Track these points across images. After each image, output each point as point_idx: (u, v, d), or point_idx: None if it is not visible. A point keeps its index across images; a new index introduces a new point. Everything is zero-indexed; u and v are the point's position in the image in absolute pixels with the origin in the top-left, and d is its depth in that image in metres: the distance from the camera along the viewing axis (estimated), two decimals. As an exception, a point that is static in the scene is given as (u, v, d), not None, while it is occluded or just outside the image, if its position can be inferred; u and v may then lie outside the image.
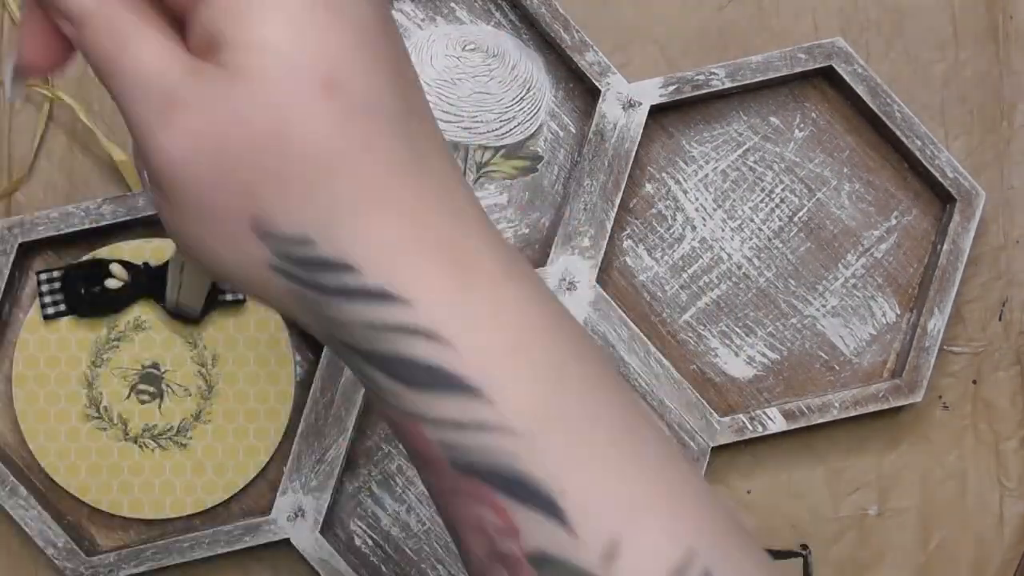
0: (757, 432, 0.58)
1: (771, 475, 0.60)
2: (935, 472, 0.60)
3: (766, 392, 0.60)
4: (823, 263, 0.60)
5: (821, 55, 0.59)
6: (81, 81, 0.59)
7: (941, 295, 0.58)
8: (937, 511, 0.60)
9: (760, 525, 0.59)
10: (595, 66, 0.58)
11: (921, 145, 0.59)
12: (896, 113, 0.59)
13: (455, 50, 0.60)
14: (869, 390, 0.58)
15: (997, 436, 0.60)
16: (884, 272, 0.60)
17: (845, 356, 0.60)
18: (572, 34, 0.58)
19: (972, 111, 0.61)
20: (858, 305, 0.60)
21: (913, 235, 0.60)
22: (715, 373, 0.60)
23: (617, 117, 0.58)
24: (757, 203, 0.60)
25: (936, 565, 0.60)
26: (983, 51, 0.61)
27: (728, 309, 0.60)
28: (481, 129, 0.60)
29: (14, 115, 0.59)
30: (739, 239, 0.60)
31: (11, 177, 0.59)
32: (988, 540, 0.60)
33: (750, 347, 0.60)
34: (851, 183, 0.60)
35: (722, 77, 0.59)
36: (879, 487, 0.60)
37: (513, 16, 0.60)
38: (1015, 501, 0.60)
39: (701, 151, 0.60)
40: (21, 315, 0.58)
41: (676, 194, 0.60)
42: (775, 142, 0.60)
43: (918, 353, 0.58)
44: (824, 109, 0.60)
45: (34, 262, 0.58)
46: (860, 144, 0.60)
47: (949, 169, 0.59)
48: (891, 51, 0.61)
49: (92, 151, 0.59)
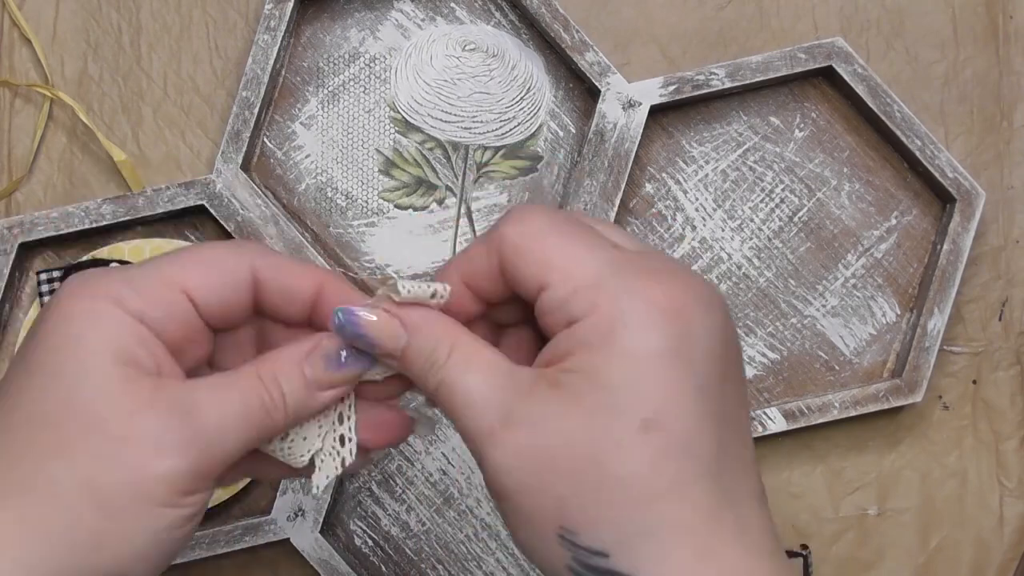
0: (757, 432, 0.58)
1: (771, 475, 0.60)
2: (935, 472, 0.60)
3: (766, 392, 0.60)
4: (823, 263, 0.60)
5: (821, 55, 0.59)
6: (81, 81, 0.59)
7: (941, 295, 0.58)
8: (937, 511, 0.60)
9: (760, 525, 0.59)
10: (595, 66, 0.58)
11: (921, 145, 0.59)
12: (896, 113, 0.59)
13: (455, 50, 0.60)
14: (869, 390, 0.58)
15: (997, 436, 0.60)
16: (884, 272, 0.60)
17: (845, 356, 0.60)
18: (572, 34, 0.58)
19: (972, 111, 0.61)
20: (858, 305, 0.60)
21: (913, 235, 0.60)
22: (715, 373, 0.60)
23: (617, 117, 0.58)
24: (757, 203, 0.60)
25: (936, 565, 0.60)
26: (983, 51, 0.61)
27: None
28: (481, 129, 0.60)
29: (14, 115, 0.59)
30: (739, 239, 0.60)
31: (11, 177, 0.59)
32: (988, 540, 0.60)
33: (750, 347, 0.60)
34: (851, 183, 0.60)
35: (722, 77, 0.59)
36: (879, 487, 0.60)
37: (513, 16, 0.60)
38: (1015, 501, 0.60)
39: (701, 151, 0.60)
40: (21, 315, 0.58)
41: (676, 194, 0.60)
42: (775, 142, 0.60)
43: (918, 353, 0.58)
44: (824, 109, 0.60)
45: (34, 262, 0.58)
46: (860, 144, 0.60)
47: (949, 169, 0.59)
48: (891, 51, 0.61)
49: (92, 151, 0.59)
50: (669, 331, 0.36)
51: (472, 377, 0.37)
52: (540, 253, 0.37)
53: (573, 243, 0.37)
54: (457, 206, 0.60)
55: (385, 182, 0.60)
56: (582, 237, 0.38)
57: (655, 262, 0.38)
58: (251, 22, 0.60)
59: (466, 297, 0.40)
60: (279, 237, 0.57)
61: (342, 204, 0.59)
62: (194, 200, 0.57)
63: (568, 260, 0.37)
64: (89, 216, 0.57)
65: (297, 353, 0.39)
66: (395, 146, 0.60)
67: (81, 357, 0.37)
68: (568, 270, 0.37)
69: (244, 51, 0.59)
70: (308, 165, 0.60)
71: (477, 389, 0.37)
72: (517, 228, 0.38)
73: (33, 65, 0.60)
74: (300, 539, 0.56)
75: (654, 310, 0.36)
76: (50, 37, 0.60)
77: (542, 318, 0.38)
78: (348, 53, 0.60)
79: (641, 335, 0.35)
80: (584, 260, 0.37)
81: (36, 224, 0.57)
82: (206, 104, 0.60)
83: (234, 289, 0.39)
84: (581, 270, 0.37)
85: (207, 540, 0.56)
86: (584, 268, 0.37)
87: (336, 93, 0.60)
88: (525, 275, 0.37)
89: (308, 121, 0.60)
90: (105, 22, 0.60)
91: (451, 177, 0.60)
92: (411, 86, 0.60)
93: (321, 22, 0.60)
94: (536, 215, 0.38)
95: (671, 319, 0.36)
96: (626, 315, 0.35)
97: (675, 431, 0.35)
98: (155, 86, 0.60)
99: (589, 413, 0.35)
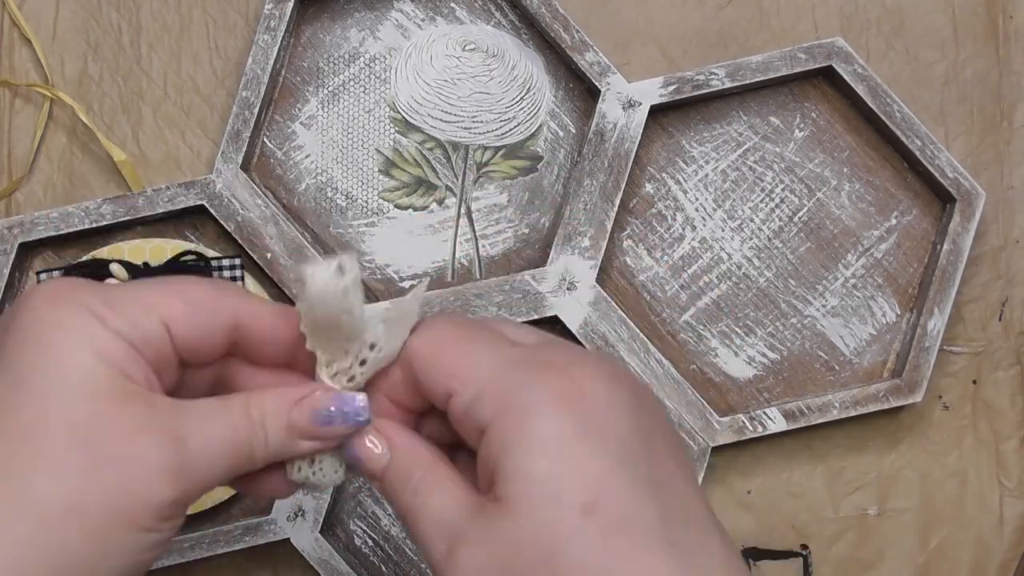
0: (757, 432, 0.58)
1: (771, 475, 0.60)
2: (935, 472, 0.60)
3: (766, 392, 0.60)
4: (823, 263, 0.60)
5: (821, 55, 0.59)
6: (81, 81, 0.59)
7: (941, 295, 0.58)
8: (937, 511, 0.60)
9: (760, 525, 0.59)
10: (595, 66, 0.58)
11: (921, 145, 0.59)
12: (896, 113, 0.59)
13: (455, 50, 0.60)
14: (869, 390, 0.58)
15: (997, 436, 0.60)
16: (884, 272, 0.60)
17: (845, 356, 0.60)
18: (572, 34, 0.58)
19: (972, 111, 0.61)
20: (858, 305, 0.60)
21: (913, 235, 0.60)
22: (715, 373, 0.60)
23: (617, 117, 0.58)
24: (757, 203, 0.60)
25: (936, 565, 0.60)
26: (983, 51, 0.61)
27: (728, 309, 0.60)
28: (481, 129, 0.60)
29: (14, 115, 0.59)
30: (739, 239, 0.60)
31: (11, 177, 0.59)
32: (988, 540, 0.60)
33: (750, 347, 0.60)
34: (851, 183, 0.60)
35: (722, 77, 0.59)
36: (879, 487, 0.60)
37: (513, 16, 0.60)
38: (1015, 501, 0.60)
39: (701, 151, 0.60)
40: (21, 315, 0.58)
41: (676, 194, 0.60)
42: (775, 142, 0.60)
43: (918, 353, 0.58)
44: (824, 109, 0.60)
45: (34, 262, 0.58)
46: (860, 144, 0.60)
47: (949, 169, 0.59)
48: (891, 51, 0.61)
49: (92, 151, 0.59)
50: (577, 413, 0.36)
51: (433, 501, 0.38)
52: (442, 361, 0.38)
53: (472, 347, 0.38)
54: (457, 206, 0.60)
55: (385, 182, 0.60)
56: (481, 340, 0.39)
57: (552, 352, 0.38)
58: (251, 22, 0.60)
59: (390, 410, 0.40)
60: (279, 237, 0.57)
61: (342, 204, 0.59)
62: (194, 200, 0.57)
63: (468, 365, 0.38)
64: (89, 216, 0.57)
65: (287, 399, 0.39)
66: (395, 146, 0.60)
67: (67, 366, 0.36)
68: (469, 374, 0.38)
69: (244, 51, 0.59)
70: (308, 165, 0.60)
71: (436, 513, 0.37)
72: (421, 339, 0.39)
73: (33, 65, 0.60)
74: (300, 539, 0.56)
75: (557, 397, 0.36)
76: (50, 37, 0.60)
77: (456, 426, 0.38)
78: (348, 53, 0.60)
79: (551, 423, 0.36)
80: (483, 362, 0.38)
81: (36, 224, 0.57)
82: (206, 104, 0.60)
83: (213, 329, 0.39)
84: (481, 372, 0.38)
85: (207, 540, 0.56)
86: (483, 370, 0.38)
87: (336, 93, 0.60)
88: (432, 385, 0.38)
89: (308, 121, 0.60)
90: (105, 22, 0.60)
91: (451, 177, 0.60)
92: (411, 86, 0.60)
93: (321, 22, 0.60)
94: (439, 324, 0.39)
95: (576, 402, 0.36)
96: (532, 408, 0.36)
97: (614, 506, 0.35)
98: (155, 86, 0.60)
99: (530, 514, 0.35)
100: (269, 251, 0.57)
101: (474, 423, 0.37)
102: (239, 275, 0.57)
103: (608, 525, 0.35)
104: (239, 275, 0.57)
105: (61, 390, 0.36)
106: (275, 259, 0.57)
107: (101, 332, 0.37)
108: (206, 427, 0.38)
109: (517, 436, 0.36)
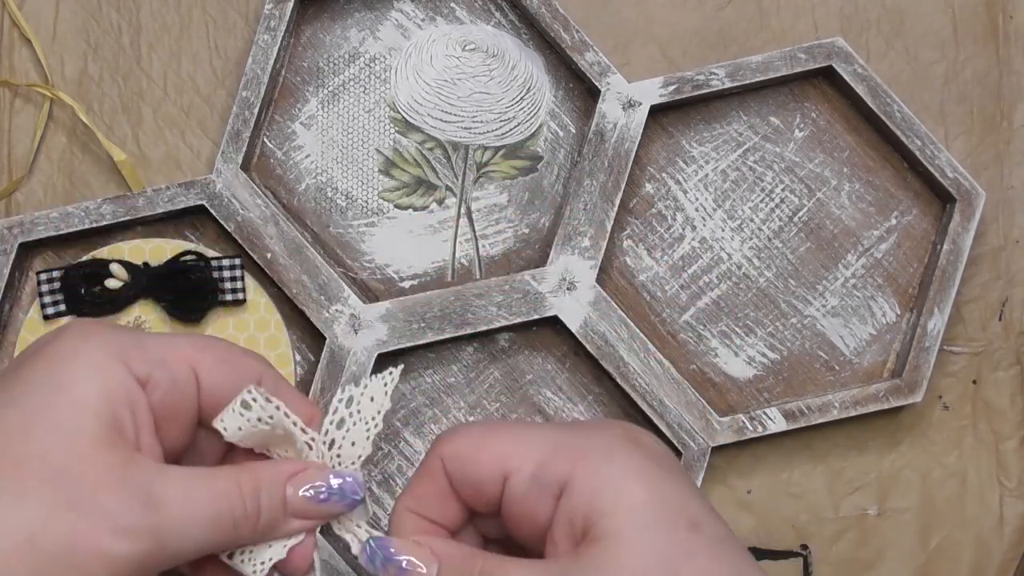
0: (757, 432, 0.58)
1: (771, 475, 0.60)
2: (935, 472, 0.60)
3: (766, 392, 0.60)
4: (823, 263, 0.60)
5: (821, 55, 0.59)
6: (81, 81, 0.59)
7: (941, 295, 0.58)
8: (937, 511, 0.60)
9: (760, 525, 0.59)
10: (595, 66, 0.58)
11: (921, 145, 0.59)
12: (896, 113, 0.59)
13: (455, 50, 0.60)
14: (869, 390, 0.58)
15: (997, 436, 0.60)
16: (884, 272, 0.60)
17: (845, 356, 0.60)
18: (572, 34, 0.58)
19: (972, 111, 0.61)
20: (858, 305, 0.60)
21: (913, 235, 0.60)
22: (715, 373, 0.60)
23: (617, 117, 0.58)
24: (757, 203, 0.60)
25: (936, 565, 0.60)
26: (983, 51, 0.61)
27: (728, 309, 0.60)
28: (481, 129, 0.60)
29: (14, 115, 0.59)
30: (739, 239, 0.60)
31: (11, 177, 0.59)
32: (988, 540, 0.60)
33: (750, 347, 0.60)
34: (851, 183, 0.60)
35: (722, 77, 0.59)
36: (879, 487, 0.60)
37: (513, 16, 0.60)
38: (1015, 501, 0.60)
39: (701, 151, 0.60)
40: (21, 315, 0.58)
41: (676, 194, 0.60)
42: (775, 142, 0.60)
43: (918, 353, 0.58)
44: (824, 109, 0.60)
45: (34, 262, 0.58)
46: (860, 144, 0.60)
47: (949, 169, 0.59)
48: (891, 51, 0.61)
49: (92, 151, 0.59)
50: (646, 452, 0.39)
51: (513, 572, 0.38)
52: (489, 450, 0.39)
53: (512, 432, 0.40)
54: (457, 206, 0.60)
55: (385, 182, 0.60)
56: (514, 426, 0.41)
57: (587, 426, 0.41)
58: (251, 22, 0.60)
59: (424, 527, 0.41)
60: (279, 237, 0.57)
61: (342, 204, 0.59)
62: (194, 200, 0.57)
63: (521, 443, 0.39)
64: (89, 216, 0.57)
65: (283, 472, 0.39)
66: (395, 146, 0.60)
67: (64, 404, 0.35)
68: (524, 450, 0.39)
69: (244, 51, 0.59)
70: (308, 165, 0.60)
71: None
72: (454, 443, 0.40)
73: (33, 65, 0.60)
74: (300, 539, 0.56)
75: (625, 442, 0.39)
76: (50, 37, 0.60)
77: (515, 506, 0.39)
78: (348, 53, 0.60)
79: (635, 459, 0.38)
80: (533, 437, 0.39)
81: (36, 224, 0.57)
82: (206, 104, 0.60)
83: (239, 384, 0.39)
84: (536, 444, 0.39)
85: (207, 540, 0.56)
86: (538, 442, 0.39)
87: (336, 93, 0.60)
88: (482, 475, 0.39)
89: (308, 121, 0.60)
90: (105, 22, 0.60)
91: (451, 177, 0.60)
92: (411, 86, 0.60)
93: (321, 22, 0.60)
94: (464, 427, 0.41)
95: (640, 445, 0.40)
96: (612, 450, 0.38)
97: (711, 526, 0.38)
98: (155, 86, 0.60)
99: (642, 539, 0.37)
100: (269, 251, 0.57)
101: (547, 487, 0.38)
102: (239, 275, 0.57)
103: (712, 541, 0.37)
104: (239, 275, 0.57)
105: (52, 416, 0.35)
106: (275, 259, 0.57)
107: (113, 375, 0.36)
108: (190, 495, 0.37)
109: (608, 474, 0.37)
